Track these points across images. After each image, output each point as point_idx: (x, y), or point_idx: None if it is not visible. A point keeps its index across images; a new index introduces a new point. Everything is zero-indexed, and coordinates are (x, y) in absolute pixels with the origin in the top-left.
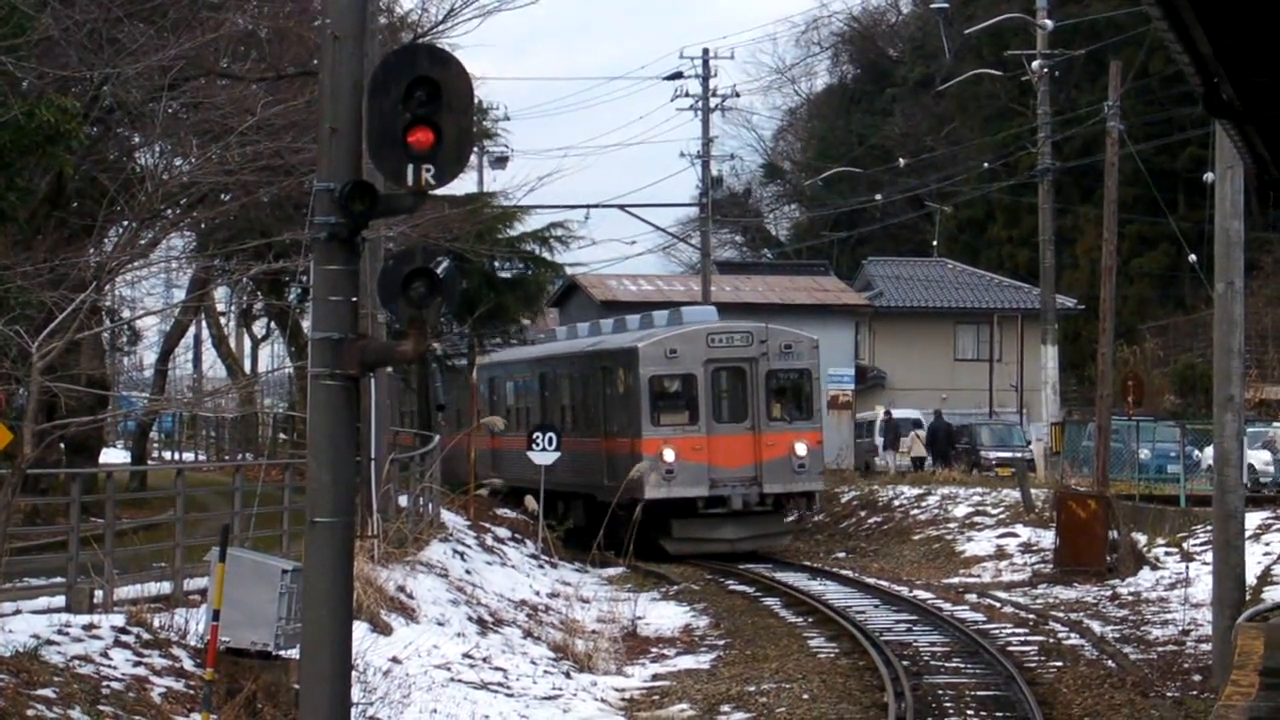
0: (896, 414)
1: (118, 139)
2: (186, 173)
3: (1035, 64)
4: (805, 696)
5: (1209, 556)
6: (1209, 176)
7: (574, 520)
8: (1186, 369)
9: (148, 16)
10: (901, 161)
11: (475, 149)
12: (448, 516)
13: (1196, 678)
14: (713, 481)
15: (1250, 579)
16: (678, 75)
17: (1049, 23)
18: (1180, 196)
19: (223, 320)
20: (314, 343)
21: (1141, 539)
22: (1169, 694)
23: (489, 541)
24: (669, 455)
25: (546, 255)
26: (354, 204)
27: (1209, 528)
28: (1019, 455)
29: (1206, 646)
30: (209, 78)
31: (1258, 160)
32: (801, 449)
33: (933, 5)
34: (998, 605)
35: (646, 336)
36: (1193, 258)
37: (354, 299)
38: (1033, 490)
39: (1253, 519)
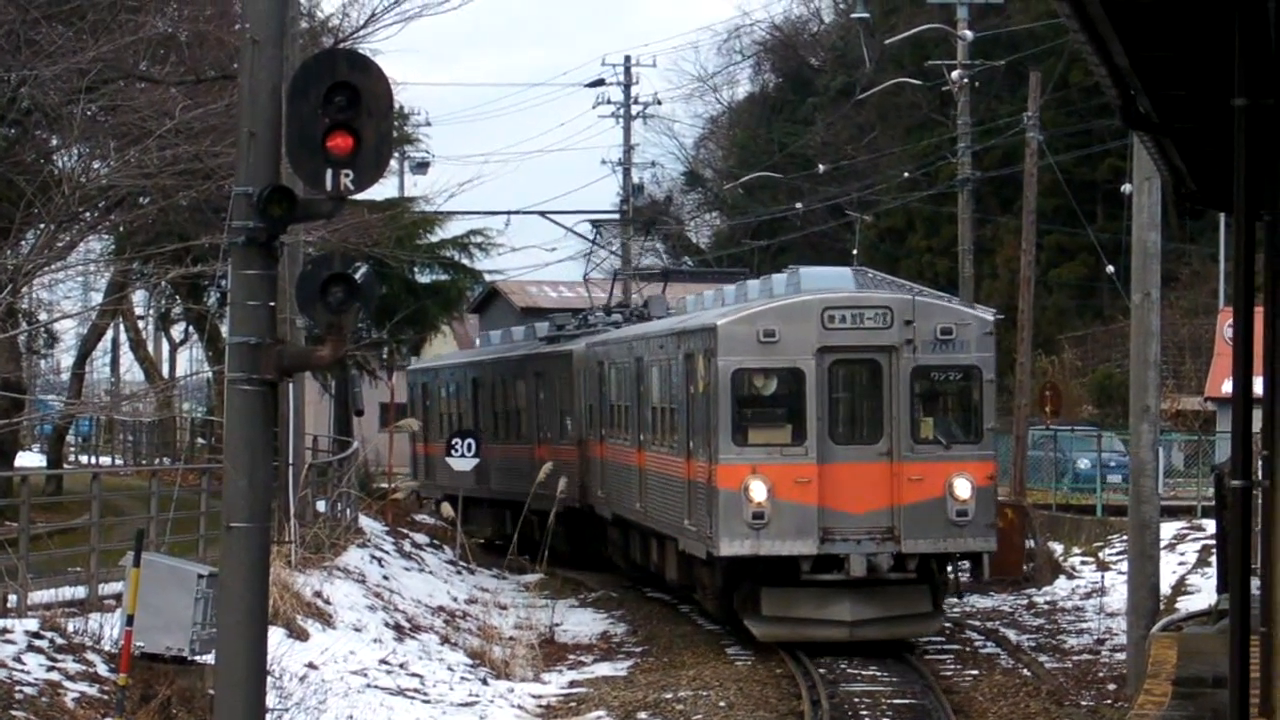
0: None
1: (35, 141)
2: (104, 176)
3: (955, 74)
4: (722, 704)
5: (1125, 566)
6: (1127, 188)
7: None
8: (1104, 379)
9: (66, 18)
10: (820, 168)
11: (396, 154)
12: (366, 522)
13: (1111, 687)
14: (825, 533)
15: (1165, 589)
16: (600, 82)
17: (969, 34)
18: (1099, 208)
19: (141, 324)
20: (231, 347)
21: (1058, 548)
22: (1084, 703)
23: (407, 547)
24: (758, 491)
25: (466, 262)
26: (272, 209)
27: (1125, 537)
28: None
29: (1121, 656)
30: (128, 80)
31: (1174, 172)
32: (964, 488)
33: (854, 15)
34: None
35: (732, 311)
36: (1110, 269)
37: (272, 304)
38: None
39: (1168, 529)
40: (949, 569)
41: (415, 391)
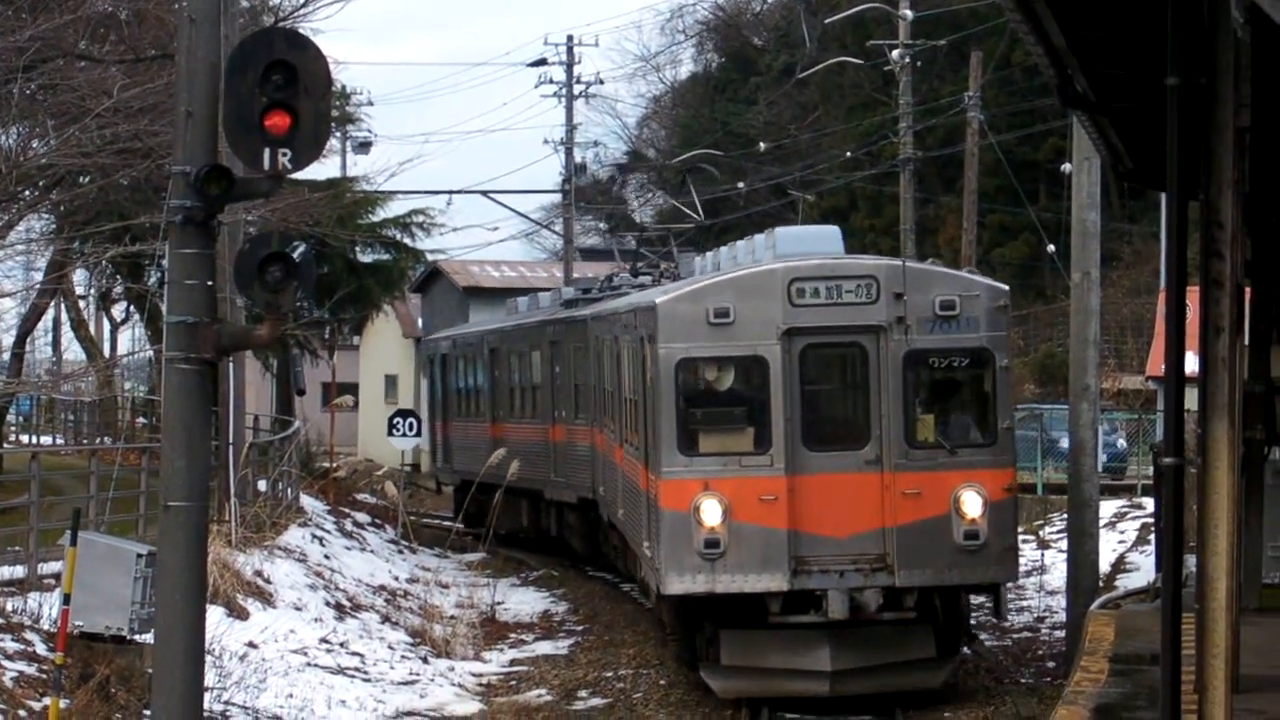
0: None
1: None
2: (43, 155)
3: (896, 54)
4: (663, 682)
5: (1065, 544)
6: (1067, 167)
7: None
8: (1047, 358)
9: None
10: (762, 146)
11: (338, 134)
12: (307, 501)
13: (1051, 664)
14: (798, 564)
15: (1105, 566)
16: (542, 62)
17: (909, 13)
18: (1042, 187)
19: (81, 303)
20: (169, 327)
21: None
22: (1023, 680)
23: (349, 527)
24: (711, 513)
25: (408, 241)
26: (210, 187)
27: (1065, 515)
28: None
29: (1061, 633)
30: (67, 59)
31: (1112, 151)
32: (974, 504)
33: None
34: None
35: (679, 288)
36: (1051, 248)
37: (210, 283)
38: None
39: (1109, 507)
40: (961, 604)
41: (433, 365)
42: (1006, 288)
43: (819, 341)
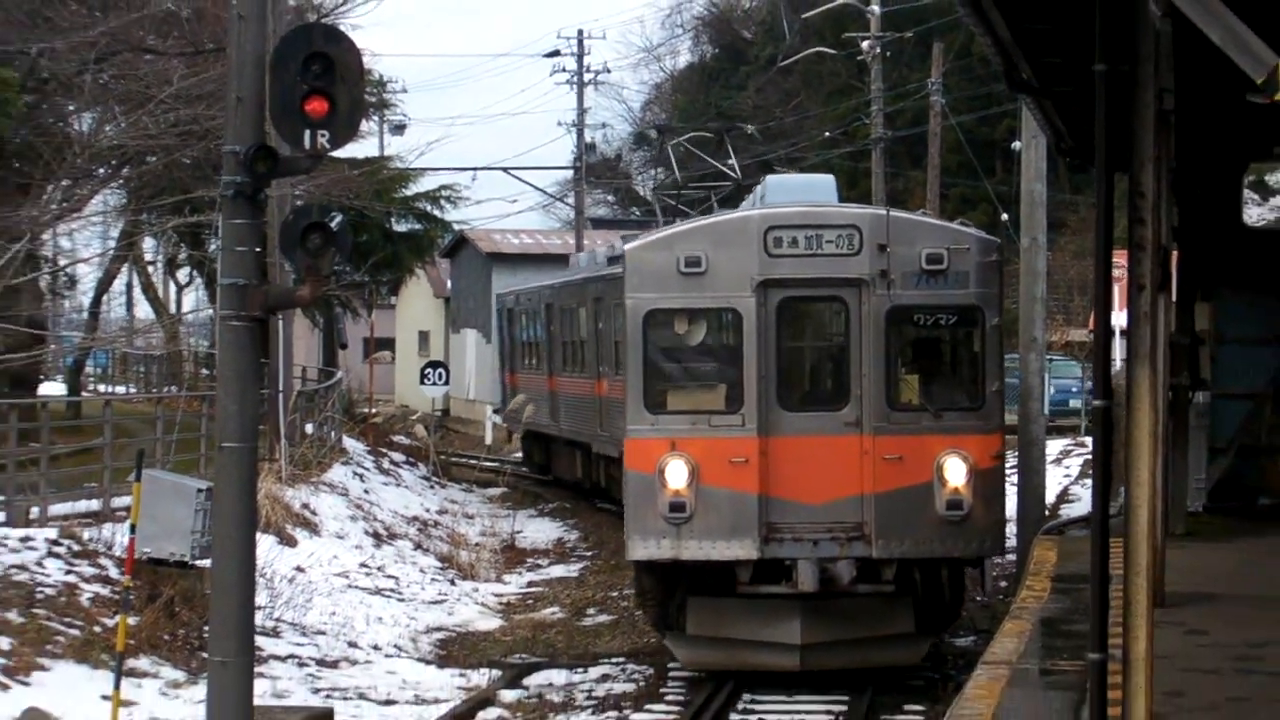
0: None
1: (53, 106)
2: (114, 137)
3: (867, 45)
4: None
5: (1015, 478)
6: (1017, 145)
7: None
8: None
9: None
10: (750, 128)
11: (375, 117)
12: (349, 443)
13: (1003, 584)
14: (769, 530)
15: (1050, 498)
16: (556, 53)
17: (877, 8)
18: (997, 163)
19: (150, 268)
20: (222, 288)
21: None
22: (979, 598)
23: (386, 465)
24: (676, 475)
25: (437, 213)
26: (257, 165)
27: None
28: None
29: (1012, 557)
30: (134, 52)
31: (1055, 131)
32: (957, 471)
33: None
34: None
35: (652, 234)
36: (1005, 216)
37: (259, 249)
38: None
39: (1056, 445)
40: (943, 578)
41: (502, 319)
42: (999, 241)
43: (797, 294)
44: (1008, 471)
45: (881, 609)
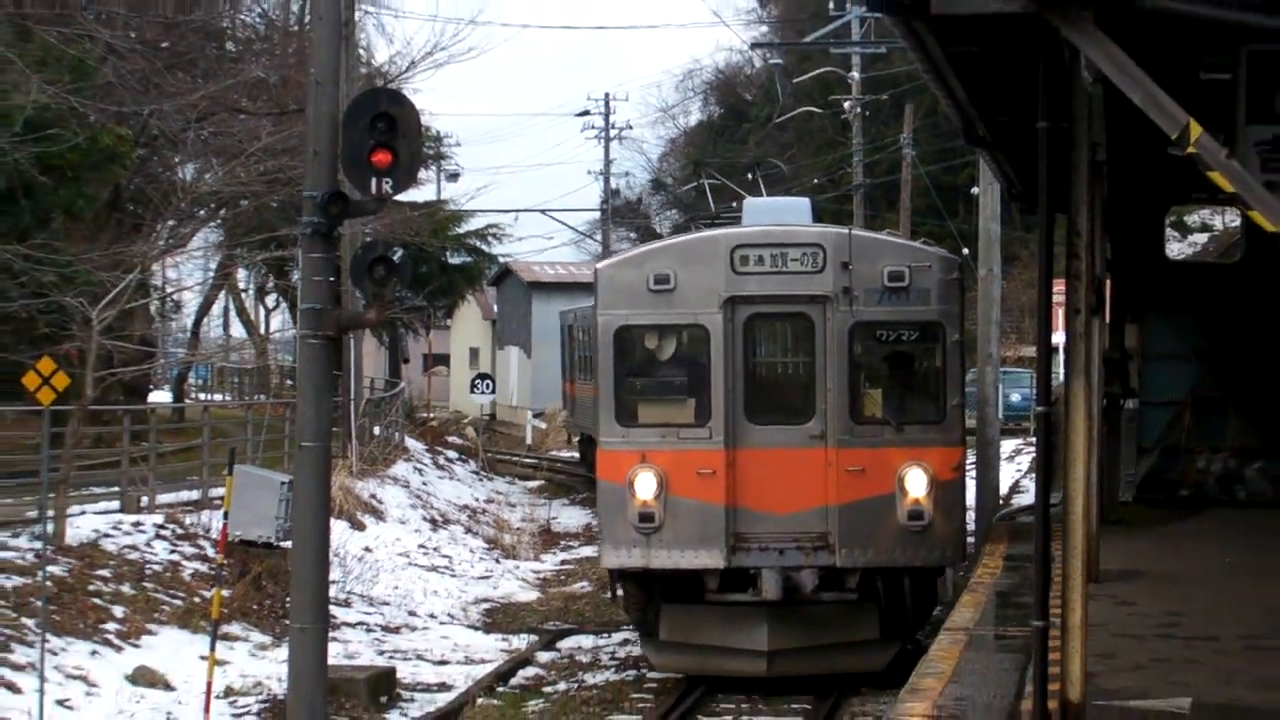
0: None
1: (161, 159)
2: (212, 184)
3: (849, 105)
4: None
5: (974, 472)
6: (975, 190)
7: None
8: (965, 334)
9: (184, 67)
10: (750, 175)
11: (433, 167)
12: (410, 442)
13: (964, 563)
14: (737, 540)
15: (1004, 489)
16: (586, 113)
17: (857, 75)
18: (960, 205)
19: (243, 294)
20: (302, 312)
21: None
22: (938, 609)
23: (441, 461)
24: (645, 486)
25: (485, 248)
26: (331, 208)
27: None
28: None
29: (971, 539)
30: (229, 113)
31: (1006, 179)
32: (918, 483)
33: (772, 62)
34: None
35: (624, 253)
36: (966, 251)
37: (332, 279)
38: None
39: (1010, 445)
40: (905, 587)
41: (564, 334)
42: (960, 259)
43: (763, 311)
44: (968, 467)
45: (847, 616)
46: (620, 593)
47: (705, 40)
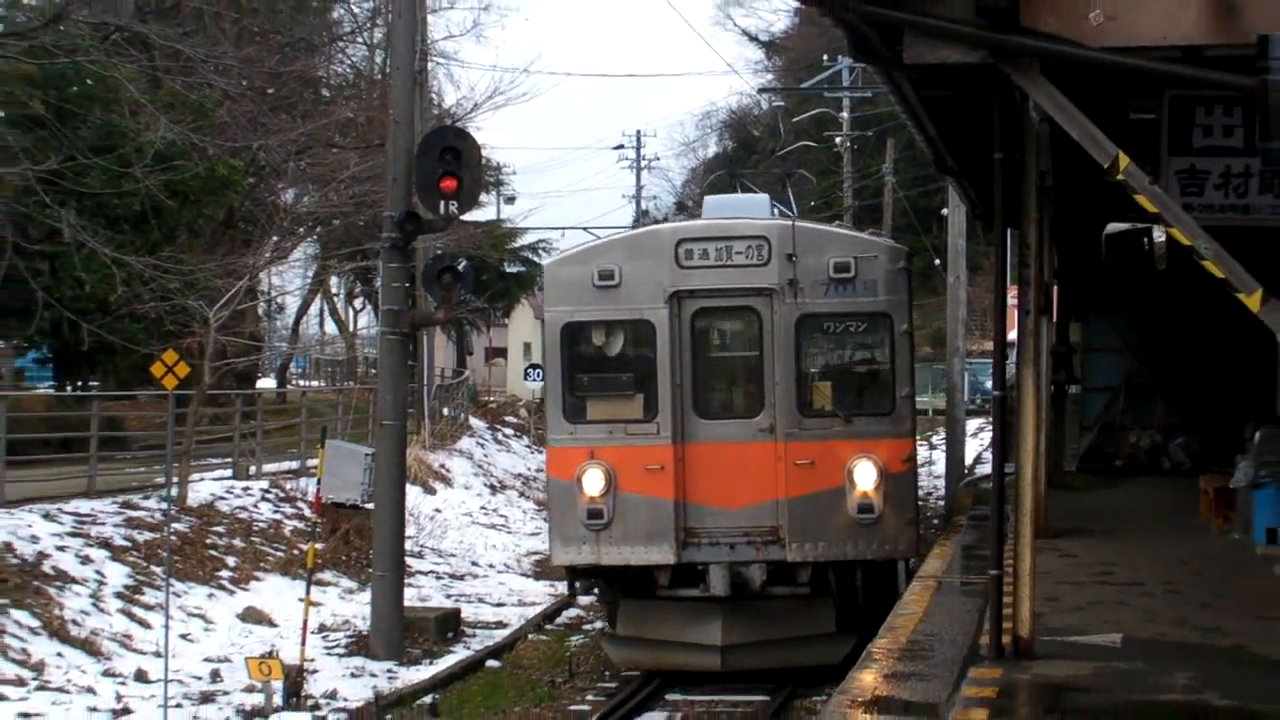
0: None
1: (267, 185)
2: (309, 207)
3: (840, 140)
4: None
5: (945, 447)
6: (945, 211)
7: None
8: (937, 331)
9: (286, 109)
10: (804, 172)
11: (493, 191)
12: (474, 421)
13: (935, 522)
14: (687, 535)
15: (969, 460)
16: (620, 146)
17: (846, 115)
18: (934, 224)
19: (335, 298)
20: (383, 312)
21: None
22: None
23: (500, 437)
24: (593, 483)
25: (535, 259)
26: (407, 226)
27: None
28: None
29: (942, 502)
30: (324, 147)
31: (970, 201)
32: (867, 475)
33: (775, 104)
34: None
35: (571, 249)
36: (938, 262)
37: (408, 285)
38: None
39: (975, 424)
40: (856, 580)
41: None
42: (906, 249)
43: (709, 305)
44: (938, 443)
45: (802, 610)
46: (578, 588)
47: (720, 86)
